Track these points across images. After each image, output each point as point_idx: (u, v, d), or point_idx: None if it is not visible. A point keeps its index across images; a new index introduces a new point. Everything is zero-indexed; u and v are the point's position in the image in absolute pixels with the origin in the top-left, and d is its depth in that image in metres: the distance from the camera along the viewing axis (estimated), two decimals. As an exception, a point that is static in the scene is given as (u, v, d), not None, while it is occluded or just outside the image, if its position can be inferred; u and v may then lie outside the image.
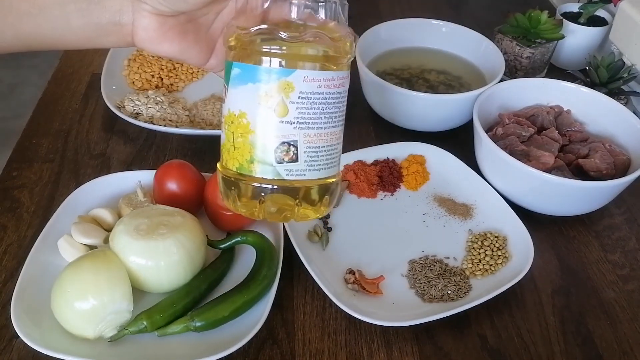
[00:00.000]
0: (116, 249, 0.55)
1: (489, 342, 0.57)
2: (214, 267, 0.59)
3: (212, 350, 0.51)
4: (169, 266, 0.55)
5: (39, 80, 2.19)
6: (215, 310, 0.54)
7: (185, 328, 0.53)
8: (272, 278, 0.57)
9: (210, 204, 0.62)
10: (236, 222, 0.62)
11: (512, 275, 0.60)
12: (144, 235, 0.55)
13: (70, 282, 0.52)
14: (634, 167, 0.68)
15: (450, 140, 0.78)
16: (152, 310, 0.54)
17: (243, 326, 0.54)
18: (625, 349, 0.58)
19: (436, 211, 0.70)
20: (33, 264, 0.57)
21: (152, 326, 0.53)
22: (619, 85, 0.82)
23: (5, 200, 0.69)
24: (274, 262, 0.58)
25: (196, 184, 0.63)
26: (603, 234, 0.70)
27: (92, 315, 0.51)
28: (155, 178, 0.64)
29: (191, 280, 0.57)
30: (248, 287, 0.55)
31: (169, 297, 0.55)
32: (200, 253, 0.57)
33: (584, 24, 0.92)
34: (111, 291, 0.52)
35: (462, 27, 0.88)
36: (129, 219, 0.57)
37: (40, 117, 0.82)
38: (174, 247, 0.55)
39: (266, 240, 0.60)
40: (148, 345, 0.53)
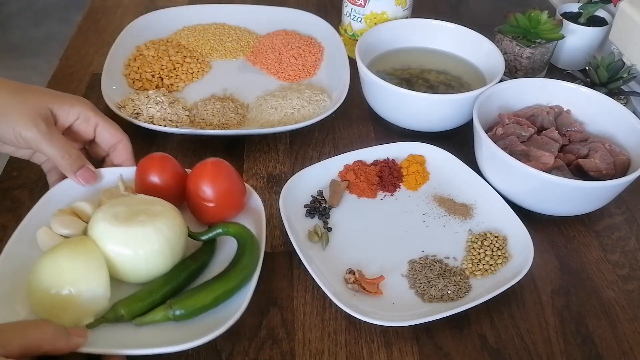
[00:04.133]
0: (94, 236, 0.54)
1: (489, 342, 0.57)
2: (194, 258, 0.58)
3: (189, 338, 0.50)
4: (148, 255, 0.54)
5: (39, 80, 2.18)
6: (194, 298, 0.53)
7: (164, 317, 0.52)
8: (253, 268, 0.56)
9: (193, 196, 0.61)
10: (218, 215, 0.61)
11: (512, 275, 0.60)
12: (122, 223, 0.54)
13: (46, 268, 0.51)
14: (634, 167, 0.68)
15: (450, 140, 0.78)
16: (130, 298, 0.53)
17: (222, 315, 0.53)
18: (625, 348, 0.58)
19: (436, 211, 0.70)
20: (10, 257, 0.56)
21: (129, 315, 0.52)
22: (619, 85, 0.82)
23: (5, 200, 0.69)
24: (254, 252, 0.58)
25: (178, 177, 0.63)
26: (603, 234, 0.70)
27: (68, 303, 0.50)
28: (137, 171, 0.63)
29: (171, 270, 0.56)
30: (228, 276, 0.55)
31: (147, 286, 0.54)
32: (180, 243, 0.56)
33: (583, 24, 0.92)
34: (88, 278, 0.51)
35: (462, 27, 0.88)
36: (107, 207, 0.56)
37: (40, 117, 0.82)
38: (154, 235, 0.54)
39: (247, 231, 0.59)
40: (125, 333, 0.52)
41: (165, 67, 0.87)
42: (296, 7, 1.02)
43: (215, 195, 0.60)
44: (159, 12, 0.98)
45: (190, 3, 1.07)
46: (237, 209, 0.63)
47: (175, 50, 0.91)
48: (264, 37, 0.97)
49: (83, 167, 0.63)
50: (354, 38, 0.93)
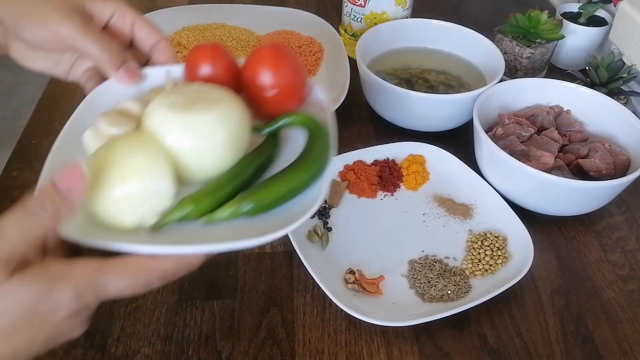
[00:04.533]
0: (151, 128, 0.47)
1: (489, 342, 0.57)
2: (259, 151, 0.52)
3: (264, 232, 0.44)
4: (213, 145, 0.47)
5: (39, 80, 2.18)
6: (267, 190, 0.48)
7: (235, 212, 0.46)
8: (326, 157, 0.51)
9: (250, 86, 0.54)
10: (280, 106, 0.54)
11: (512, 275, 0.60)
12: (181, 110, 0.47)
13: (104, 163, 0.44)
14: (634, 167, 0.68)
15: (450, 140, 0.78)
16: (198, 194, 0.47)
17: (297, 208, 0.47)
18: (625, 348, 0.58)
19: (436, 211, 0.70)
20: (54, 165, 0.49)
21: (198, 212, 0.46)
22: (619, 85, 0.82)
23: (5, 200, 0.69)
24: (326, 141, 0.52)
25: (231, 69, 0.56)
26: (603, 234, 0.70)
27: (130, 200, 0.44)
28: (186, 63, 0.56)
29: (236, 164, 0.50)
30: (302, 166, 0.49)
31: (214, 181, 0.48)
32: (245, 132, 0.50)
33: (583, 24, 0.92)
34: (151, 170, 0.45)
35: (462, 27, 0.88)
36: (162, 96, 0.49)
37: (40, 117, 0.82)
38: (218, 122, 0.47)
39: (316, 119, 0.53)
40: (193, 232, 0.46)
41: (165, 67, 0.87)
42: (296, 7, 1.02)
43: (277, 83, 0.53)
44: (159, 12, 0.98)
45: (190, 3, 1.07)
46: (299, 100, 0.56)
47: (175, 50, 0.90)
48: (264, 37, 0.97)
49: (125, 62, 0.55)
50: (354, 38, 0.93)
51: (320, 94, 0.57)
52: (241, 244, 0.44)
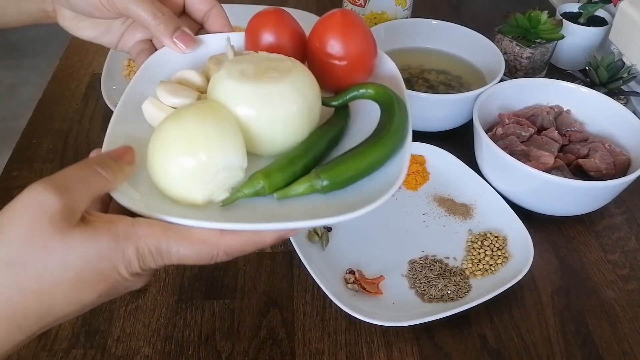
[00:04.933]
0: (220, 98, 0.45)
1: (489, 342, 0.57)
2: (331, 124, 0.49)
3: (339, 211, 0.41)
4: (285, 116, 0.45)
5: (39, 80, 2.19)
6: (345, 165, 0.44)
7: (310, 188, 0.44)
8: (405, 129, 0.48)
9: (318, 55, 0.51)
10: (349, 76, 0.51)
11: (512, 275, 0.60)
12: (252, 80, 0.44)
13: (173, 134, 0.42)
14: (634, 167, 0.68)
15: (450, 140, 0.78)
16: (270, 169, 0.44)
17: (376, 186, 0.44)
18: (625, 349, 0.58)
19: (436, 211, 0.70)
20: (114, 138, 0.46)
21: (270, 187, 0.43)
22: (619, 85, 0.82)
23: (5, 200, 0.69)
24: (404, 113, 0.49)
25: (297, 36, 0.53)
26: (603, 234, 0.70)
27: (200, 174, 0.42)
28: (247, 30, 0.53)
29: (308, 138, 0.47)
30: (381, 140, 0.46)
31: (286, 155, 0.45)
32: (317, 104, 0.47)
33: (583, 24, 0.92)
34: (223, 143, 0.42)
35: (462, 27, 0.88)
36: (229, 64, 0.46)
37: (40, 117, 0.82)
38: (290, 92, 0.44)
39: (390, 91, 0.50)
40: (266, 208, 0.44)
41: (165, 67, 0.87)
42: (296, 7, 1.02)
43: (347, 52, 0.50)
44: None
45: (190, 3, 1.06)
46: (369, 70, 0.53)
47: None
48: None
49: (179, 28, 0.52)
50: (354, 38, 0.93)
51: (389, 63, 0.54)
52: (316, 222, 0.42)
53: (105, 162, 0.40)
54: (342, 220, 0.41)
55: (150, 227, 0.38)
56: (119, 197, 0.40)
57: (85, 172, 0.39)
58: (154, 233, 0.38)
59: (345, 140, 0.50)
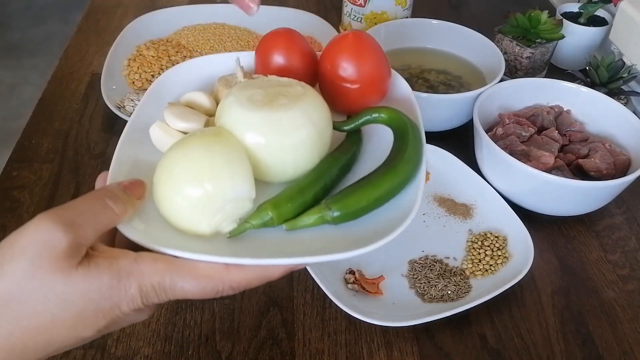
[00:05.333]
0: (228, 125, 0.44)
1: (489, 342, 0.57)
2: (342, 150, 0.48)
3: (352, 245, 0.40)
4: (295, 144, 0.43)
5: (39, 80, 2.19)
6: (356, 196, 0.43)
7: (320, 219, 0.42)
8: (419, 157, 0.46)
9: (329, 77, 0.49)
10: (361, 100, 0.50)
11: (512, 275, 0.60)
12: (261, 107, 0.43)
13: (179, 164, 0.41)
14: (634, 167, 0.68)
15: (450, 140, 0.78)
16: (279, 199, 0.43)
17: (389, 217, 0.43)
18: (625, 349, 0.58)
19: (436, 211, 0.70)
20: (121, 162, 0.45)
21: (279, 218, 0.42)
22: (619, 85, 0.82)
23: (5, 200, 0.69)
24: (418, 140, 0.47)
25: (308, 57, 0.52)
26: (603, 234, 0.70)
27: (207, 204, 0.41)
28: (257, 50, 0.52)
29: (318, 165, 0.46)
30: (394, 169, 0.45)
31: (296, 184, 0.44)
32: (328, 130, 0.46)
33: (584, 24, 0.92)
34: (231, 173, 0.41)
35: (462, 27, 0.88)
36: (238, 89, 0.45)
37: (40, 117, 0.82)
38: (301, 120, 0.43)
39: (404, 116, 0.48)
40: (275, 240, 0.42)
41: (165, 67, 0.87)
42: (296, 7, 1.02)
43: (359, 75, 0.49)
44: (159, 12, 0.98)
45: (190, 3, 1.07)
46: (382, 93, 0.52)
47: (175, 50, 0.91)
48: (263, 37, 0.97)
49: None
50: (354, 38, 0.93)
51: (404, 85, 0.53)
52: (327, 258, 0.40)
53: (116, 195, 0.39)
54: (354, 255, 0.39)
55: (154, 262, 0.37)
56: (123, 229, 0.40)
57: (96, 205, 0.38)
58: (157, 269, 0.37)
59: (357, 166, 0.48)
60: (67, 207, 0.37)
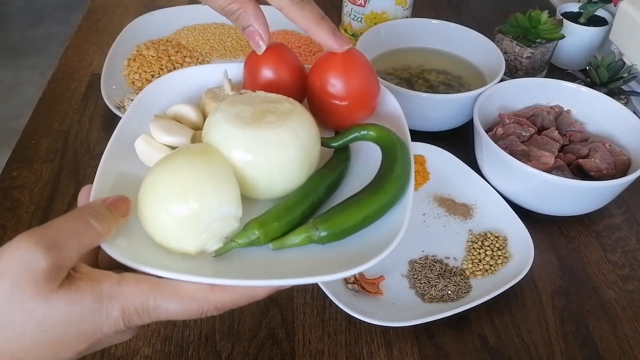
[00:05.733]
0: (215, 142, 0.43)
1: (489, 342, 0.57)
2: (330, 168, 0.48)
3: (340, 267, 0.40)
4: (283, 163, 0.43)
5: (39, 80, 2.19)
6: (343, 216, 0.43)
7: (307, 239, 0.42)
8: (407, 177, 0.46)
9: (318, 93, 0.49)
10: (349, 116, 0.50)
11: (512, 275, 0.60)
12: (249, 124, 0.43)
13: (165, 181, 0.41)
14: (634, 167, 0.68)
15: (450, 140, 0.78)
16: (265, 217, 0.42)
17: (376, 237, 0.43)
18: (626, 349, 0.58)
19: (436, 211, 0.70)
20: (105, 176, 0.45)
21: (265, 237, 0.42)
22: (619, 85, 0.82)
23: (5, 200, 0.69)
24: (406, 158, 0.47)
25: (297, 72, 0.51)
26: (603, 234, 0.70)
27: (193, 223, 0.40)
28: (246, 65, 0.52)
29: (306, 183, 0.46)
30: (382, 188, 0.45)
31: (283, 202, 0.44)
32: (316, 148, 0.46)
33: (584, 24, 0.92)
34: (216, 191, 0.41)
35: (462, 27, 0.88)
36: (226, 105, 0.45)
37: (40, 117, 0.82)
38: (288, 138, 0.43)
39: (392, 133, 0.48)
40: (261, 260, 0.42)
41: (165, 67, 0.87)
42: (296, 7, 1.02)
43: (348, 91, 0.49)
44: (159, 12, 0.98)
45: (190, 3, 1.07)
46: (371, 110, 0.52)
47: (175, 50, 0.91)
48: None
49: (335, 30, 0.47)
50: (354, 38, 0.93)
51: (393, 102, 0.53)
52: (313, 279, 0.40)
53: (100, 214, 0.38)
54: (340, 277, 0.39)
55: (138, 284, 0.37)
56: (107, 248, 0.39)
57: (78, 225, 0.37)
58: (141, 290, 0.36)
59: (344, 183, 0.49)
60: (49, 227, 0.36)
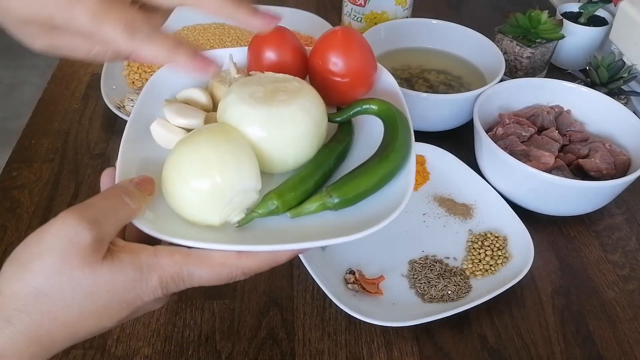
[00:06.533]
0: (232, 121, 0.46)
1: (489, 342, 0.57)
2: (337, 140, 0.51)
3: (354, 229, 0.43)
4: (296, 137, 0.46)
5: (39, 80, 2.19)
6: (354, 183, 0.46)
7: (322, 206, 0.45)
8: (409, 145, 0.50)
9: (319, 72, 0.52)
10: (350, 92, 0.53)
11: (512, 275, 0.60)
12: (263, 103, 0.46)
13: (189, 160, 0.43)
14: (634, 167, 0.68)
15: (450, 140, 0.77)
16: (282, 188, 0.46)
17: (385, 202, 0.47)
18: (626, 349, 0.58)
19: (436, 211, 0.70)
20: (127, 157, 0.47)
21: (284, 206, 0.45)
22: (619, 85, 0.82)
23: (5, 200, 0.69)
24: (407, 128, 0.50)
25: (298, 53, 0.54)
26: (603, 234, 0.70)
27: (217, 197, 0.43)
28: (250, 48, 0.54)
29: (316, 155, 0.49)
30: (387, 157, 0.48)
31: (297, 174, 0.47)
32: (324, 122, 0.49)
33: (584, 24, 0.92)
34: (238, 166, 0.43)
35: (462, 27, 0.88)
36: (238, 87, 0.48)
37: (40, 117, 0.82)
38: (300, 114, 0.46)
39: (392, 106, 0.51)
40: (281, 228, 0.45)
41: (165, 67, 0.87)
42: (296, 7, 1.02)
43: (348, 69, 0.52)
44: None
45: (190, 3, 1.06)
46: (369, 86, 0.55)
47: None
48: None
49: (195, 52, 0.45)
50: (354, 38, 0.93)
51: (389, 78, 0.56)
52: (330, 241, 0.43)
53: (131, 192, 0.42)
54: (354, 238, 0.42)
55: (172, 255, 0.40)
56: (138, 224, 0.42)
57: (115, 202, 0.40)
58: (175, 261, 0.39)
59: (351, 154, 0.52)
60: (88, 205, 0.39)
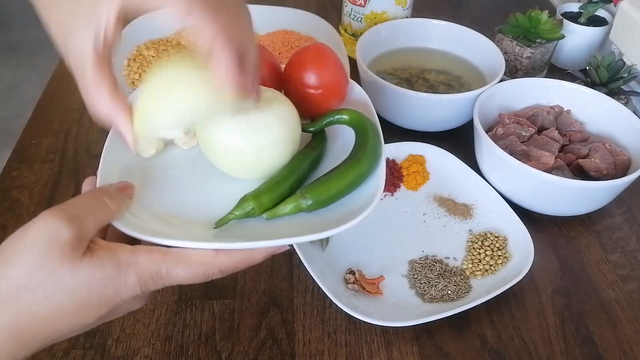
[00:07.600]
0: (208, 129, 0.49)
1: (489, 342, 0.57)
2: (311, 147, 0.54)
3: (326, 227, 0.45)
4: (270, 143, 0.49)
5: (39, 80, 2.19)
6: (327, 185, 0.49)
7: (296, 207, 0.48)
8: (379, 150, 0.52)
9: (294, 85, 0.55)
10: (323, 104, 0.56)
11: (512, 275, 0.60)
12: None
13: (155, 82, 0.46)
14: (634, 167, 0.68)
15: (450, 140, 0.78)
16: (258, 191, 0.48)
17: (357, 203, 0.49)
18: (626, 349, 0.58)
19: (436, 211, 0.70)
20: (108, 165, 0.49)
21: (259, 208, 0.47)
22: (619, 85, 0.82)
23: (5, 200, 0.69)
24: (377, 135, 0.53)
25: (273, 69, 0.57)
26: (603, 234, 0.70)
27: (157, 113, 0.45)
28: None
29: (291, 161, 0.51)
30: (358, 161, 0.51)
31: (272, 178, 0.50)
32: (298, 129, 0.51)
33: (584, 24, 0.92)
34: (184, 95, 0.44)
35: (462, 27, 0.88)
36: None
37: (40, 117, 0.82)
38: (275, 120, 0.48)
39: (363, 116, 0.54)
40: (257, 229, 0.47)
41: (165, 67, 0.87)
42: (296, 7, 1.02)
43: (321, 82, 0.55)
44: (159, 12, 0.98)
45: (190, 3, 1.06)
46: (341, 98, 0.58)
47: (175, 50, 0.90)
48: (263, 37, 0.97)
49: None
50: (354, 38, 0.93)
51: (359, 90, 0.59)
52: (303, 239, 0.45)
53: (111, 194, 0.43)
54: (326, 235, 0.45)
55: (150, 253, 0.41)
56: (120, 226, 0.43)
57: (95, 202, 0.42)
58: (154, 259, 0.40)
59: (324, 161, 0.54)
60: (70, 204, 0.40)
